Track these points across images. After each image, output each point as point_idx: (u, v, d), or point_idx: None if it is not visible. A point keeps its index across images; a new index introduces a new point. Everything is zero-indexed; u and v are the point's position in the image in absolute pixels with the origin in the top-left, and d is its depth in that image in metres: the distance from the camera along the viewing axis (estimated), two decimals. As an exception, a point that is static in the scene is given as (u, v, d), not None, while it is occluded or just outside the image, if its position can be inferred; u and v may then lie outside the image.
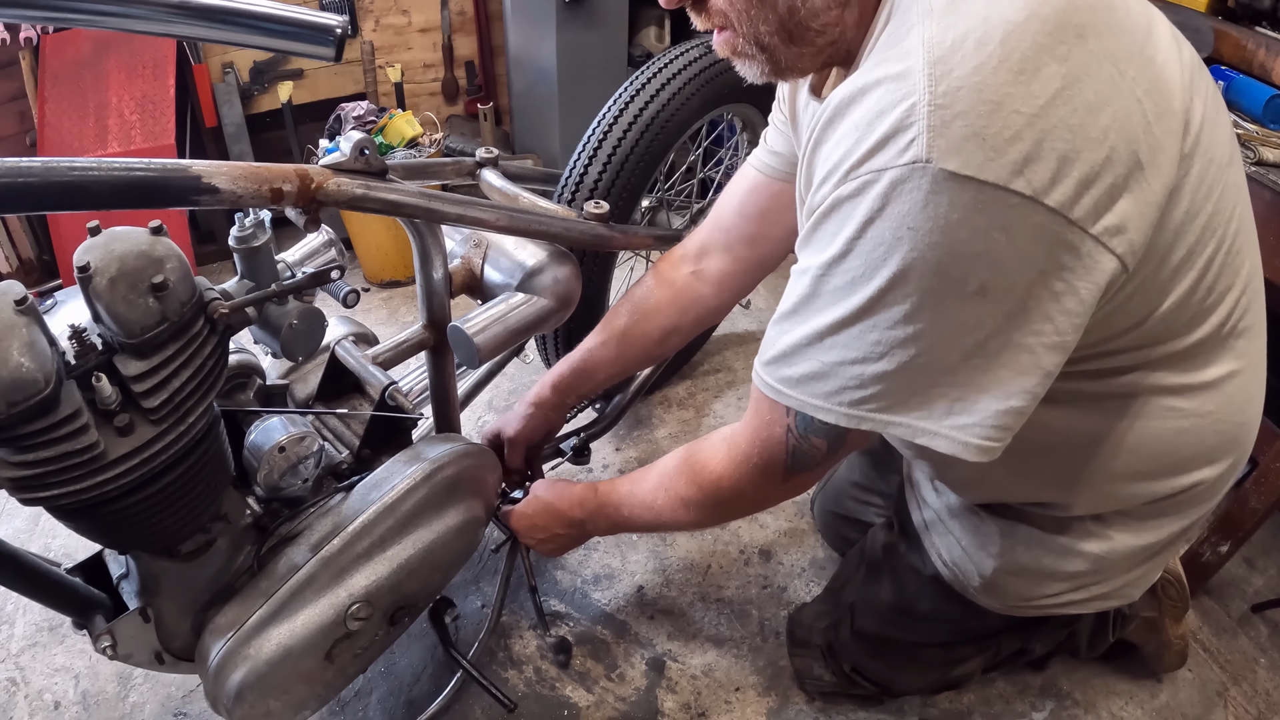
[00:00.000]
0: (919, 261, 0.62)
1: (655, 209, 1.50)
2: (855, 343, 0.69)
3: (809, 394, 0.74)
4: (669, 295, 1.23)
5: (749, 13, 0.72)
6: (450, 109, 2.86)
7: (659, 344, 1.27)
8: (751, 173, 1.13)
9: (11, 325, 0.66)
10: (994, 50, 0.60)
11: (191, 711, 1.34)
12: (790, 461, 0.85)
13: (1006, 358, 0.66)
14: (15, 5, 0.74)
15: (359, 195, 0.88)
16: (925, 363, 0.67)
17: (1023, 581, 0.98)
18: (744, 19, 0.73)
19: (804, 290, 0.71)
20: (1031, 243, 0.61)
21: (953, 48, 0.60)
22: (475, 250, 1.21)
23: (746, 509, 0.99)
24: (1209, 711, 1.37)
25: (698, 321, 1.26)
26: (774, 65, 0.76)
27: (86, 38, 2.23)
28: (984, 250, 0.61)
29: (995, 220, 0.60)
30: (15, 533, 1.66)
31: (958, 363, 0.67)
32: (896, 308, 0.65)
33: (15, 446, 0.68)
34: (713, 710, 1.36)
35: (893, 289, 0.65)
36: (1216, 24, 1.73)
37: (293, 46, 0.78)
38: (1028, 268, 0.62)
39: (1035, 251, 0.62)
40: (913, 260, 0.62)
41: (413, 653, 1.42)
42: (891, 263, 0.63)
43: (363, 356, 1.11)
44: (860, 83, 0.64)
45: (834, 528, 1.53)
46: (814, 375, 0.73)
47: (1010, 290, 0.63)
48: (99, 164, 0.68)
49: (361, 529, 0.97)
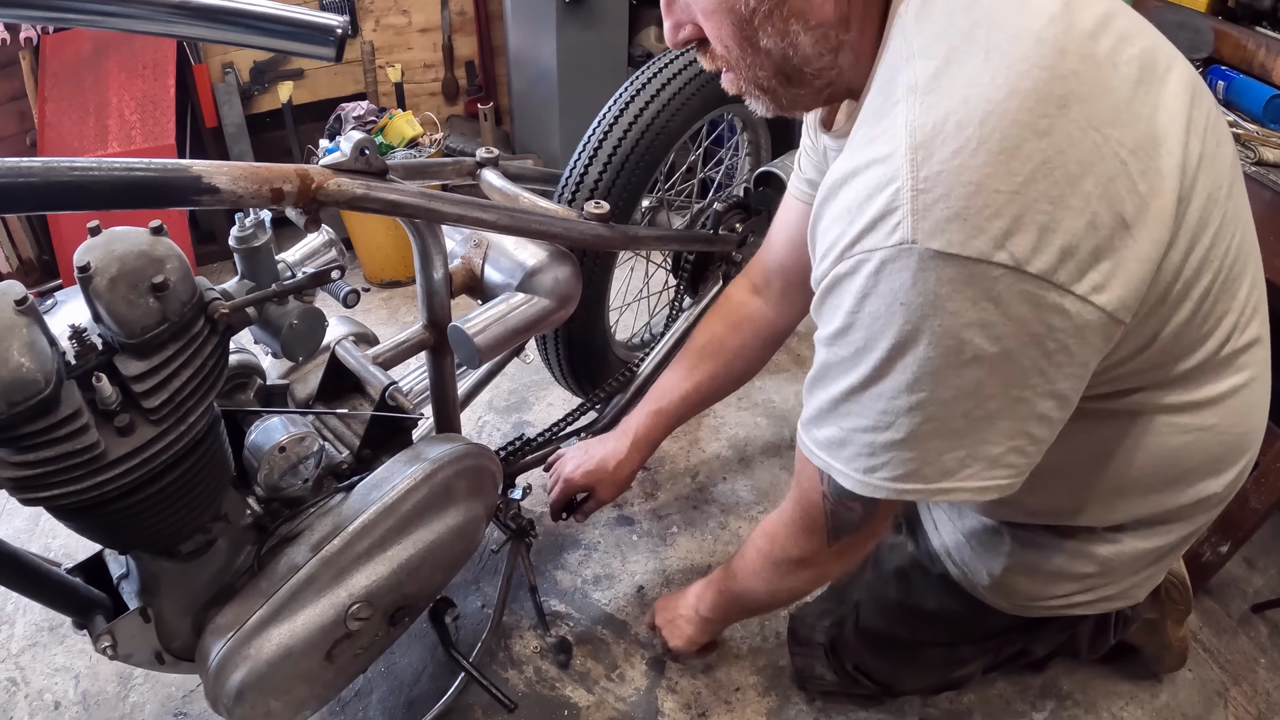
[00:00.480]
0: (913, 334, 0.66)
1: (655, 209, 1.50)
2: (865, 411, 0.72)
3: (833, 458, 0.78)
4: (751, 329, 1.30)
5: (744, 59, 0.76)
6: (450, 109, 2.86)
7: (742, 376, 1.36)
8: (793, 202, 1.19)
9: (12, 325, 0.66)
10: (973, 133, 0.62)
11: (192, 711, 1.34)
12: (831, 523, 0.90)
13: (1009, 414, 0.69)
14: (15, 5, 0.74)
15: (359, 195, 0.88)
16: (931, 430, 0.70)
17: (1031, 581, 0.99)
18: (741, 64, 0.77)
19: (821, 358, 0.76)
20: (1019, 308, 0.64)
21: (933, 131, 0.63)
22: (475, 250, 1.21)
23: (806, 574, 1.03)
24: (1209, 711, 1.38)
25: (771, 345, 1.34)
26: (777, 104, 0.81)
27: (86, 38, 2.23)
28: (975, 319, 0.64)
29: (982, 291, 0.63)
30: (15, 533, 1.66)
31: (963, 427, 0.70)
32: (898, 377, 0.69)
33: (15, 446, 0.68)
34: (713, 710, 1.36)
35: (892, 361, 0.68)
36: (1216, 24, 1.74)
37: (293, 47, 0.78)
38: (1019, 332, 0.65)
39: (1024, 316, 0.64)
40: (907, 333, 0.66)
41: (413, 653, 1.42)
42: (888, 336, 0.67)
43: (363, 356, 1.11)
44: (850, 165, 0.68)
45: None
46: (835, 441, 0.77)
47: (1005, 355, 0.66)
48: (99, 164, 0.68)
49: (362, 529, 0.97)
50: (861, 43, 0.74)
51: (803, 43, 0.73)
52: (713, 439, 1.90)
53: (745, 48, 0.75)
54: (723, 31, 0.75)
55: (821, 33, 0.73)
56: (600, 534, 1.67)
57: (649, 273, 1.92)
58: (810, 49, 0.74)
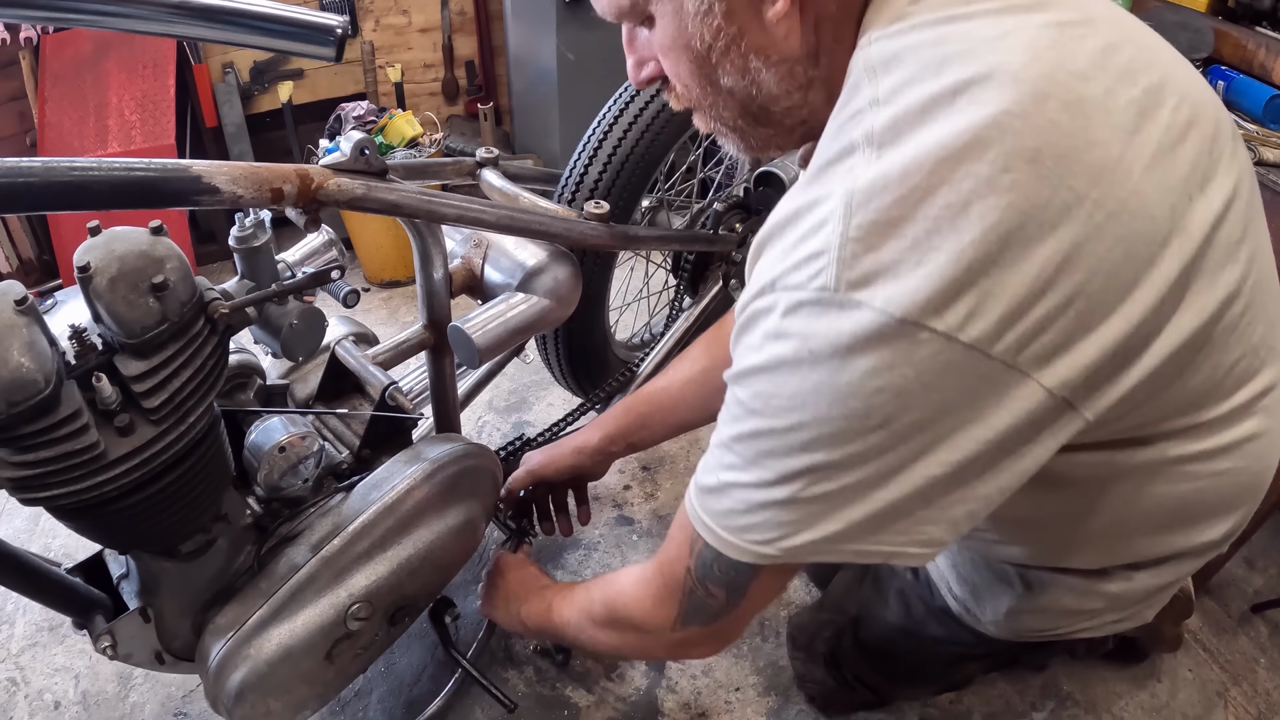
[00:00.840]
0: (816, 389, 0.59)
1: (655, 209, 1.50)
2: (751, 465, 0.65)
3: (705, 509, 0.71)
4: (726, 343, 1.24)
5: (706, 100, 0.71)
6: (450, 109, 2.86)
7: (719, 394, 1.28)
8: None
9: (11, 325, 0.66)
10: (919, 182, 0.55)
11: (192, 711, 1.34)
12: (685, 604, 0.80)
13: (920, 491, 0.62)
14: (15, 5, 0.74)
15: (359, 195, 0.88)
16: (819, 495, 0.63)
17: (1038, 618, 0.93)
18: (703, 104, 0.72)
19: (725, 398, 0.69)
20: (942, 378, 0.57)
21: (876, 178, 0.57)
22: (475, 250, 1.21)
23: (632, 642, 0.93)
24: (1209, 711, 1.38)
25: None
26: (748, 144, 0.75)
27: (86, 38, 2.23)
28: (885, 385, 0.57)
29: (902, 354, 0.56)
30: (15, 533, 1.66)
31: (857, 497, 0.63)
32: (793, 435, 0.62)
33: (15, 447, 0.68)
34: (713, 710, 1.36)
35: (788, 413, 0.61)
36: (1216, 24, 1.74)
37: (293, 47, 0.78)
38: (941, 403, 0.58)
39: (946, 387, 0.57)
40: (809, 387, 0.59)
41: (413, 653, 1.42)
42: (788, 387, 0.61)
43: (363, 356, 1.11)
44: (794, 205, 0.63)
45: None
46: (713, 490, 0.69)
47: (920, 425, 0.58)
48: (99, 164, 0.68)
49: (362, 529, 0.97)
50: (834, 78, 0.66)
51: (766, 80, 0.67)
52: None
53: (705, 86, 0.70)
54: (680, 70, 0.70)
55: (787, 69, 0.67)
56: (600, 534, 1.67)
57: (649, 273, 1.92)
58: (775, 86, 0.68)
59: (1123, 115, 0.58)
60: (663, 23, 0.68)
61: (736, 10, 0.64)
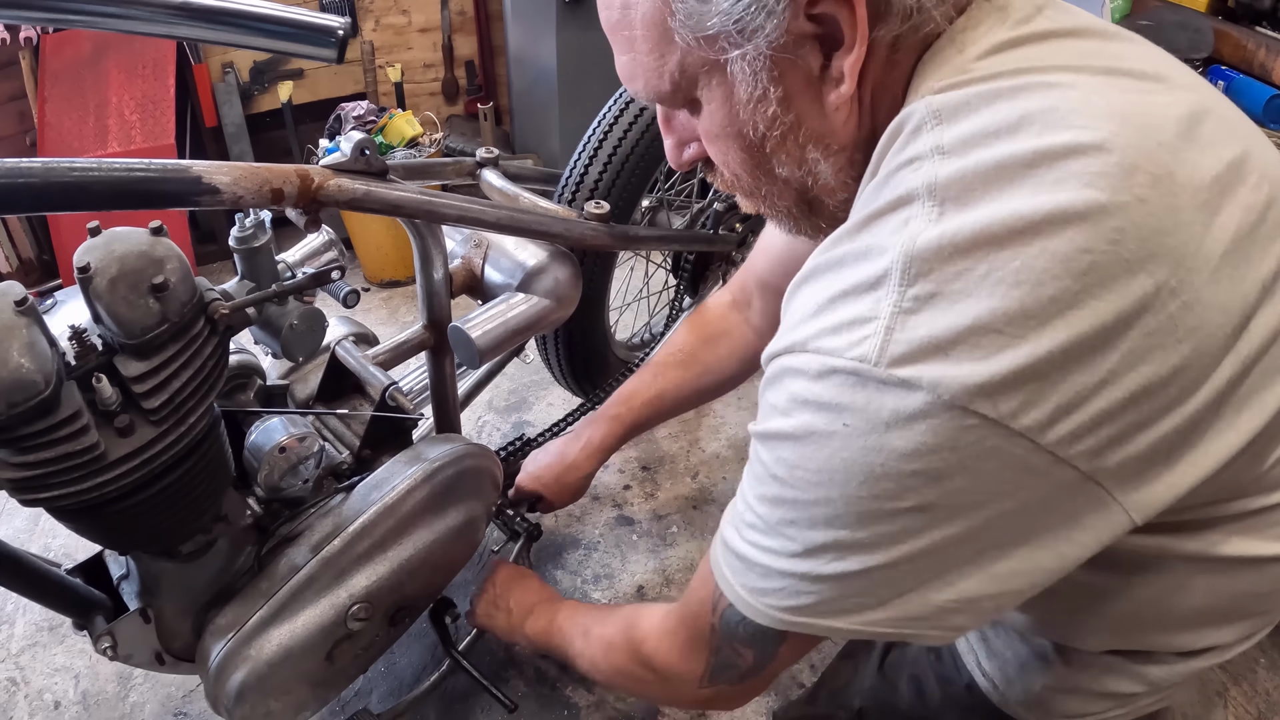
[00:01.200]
0: (847, 465, 0.54)
1: (655, 209, 1.50)
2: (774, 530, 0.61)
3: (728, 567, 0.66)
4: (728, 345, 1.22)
5: (760, 189, 0.66)
6: (450, 109, 2.86)
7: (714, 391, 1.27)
8: None
9: (11, 326, 0.66)
10: (987, 254, 0.49)
11: (192, 711, 1.34)
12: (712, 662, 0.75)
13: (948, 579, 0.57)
14: (15, 5, 0.74)
15: (359, 196, 0.88)
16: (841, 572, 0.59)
17: (1072, 699, 0.84)
18: (757, 194, 0.67)
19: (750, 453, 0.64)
20: (983, 464, 0.52)
21: (939, 244, 0.51)
22: (475, 250, 1.21)
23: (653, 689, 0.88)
24: (1209, 711, 1.38)
25: (749, 365, 1.24)
26: (799, 229, 0.70)
27: (86, 38, 2.23)
28: (923, 469, 0.52)
29: (944, 439, 0.51)
30: (15, 533, 1.66)
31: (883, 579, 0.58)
32: (818, 509, 0.57)
33: (15, 448, 0.68)
34: (712, 710, 1.36)
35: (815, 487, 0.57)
36: (1216, 24, 1.74)
37: (294, 48, 0.78)
38: (982, 489, 0.53)
39: (987, 473, 0.52)
40: (839, 462, 0.55)
41: (413, 653, 1.42)
42: (816, 459, 0.56)
43: (363, 357, 1.11)
44: (840, 252, 0.57)
45: None
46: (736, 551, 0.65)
47: (956, 511, 0.54)
48: (99, 164, 0.68)
49: (362, 529, 0.97)
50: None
51: (823, 171, 0.62)
52: (712, 439, 1.90)
53: (759, 176, 0.65)
54: (730, 159, 0.65)
55: (846, 158, 0.62)
56: (600, 534, 1.67)
57: (649, 273, 1.92)
58: (833, 178, 0.63)
59: (1207, 194, 0.53)
60: (710, 108, 0.62)
61: (795, 95, 0.58)
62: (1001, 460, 0.52)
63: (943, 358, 0.50)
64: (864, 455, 0.53)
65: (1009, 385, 0.50)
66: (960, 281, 0.50)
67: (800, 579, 0.60)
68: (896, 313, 0.51)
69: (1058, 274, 0.49)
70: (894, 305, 0.51)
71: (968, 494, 0.53)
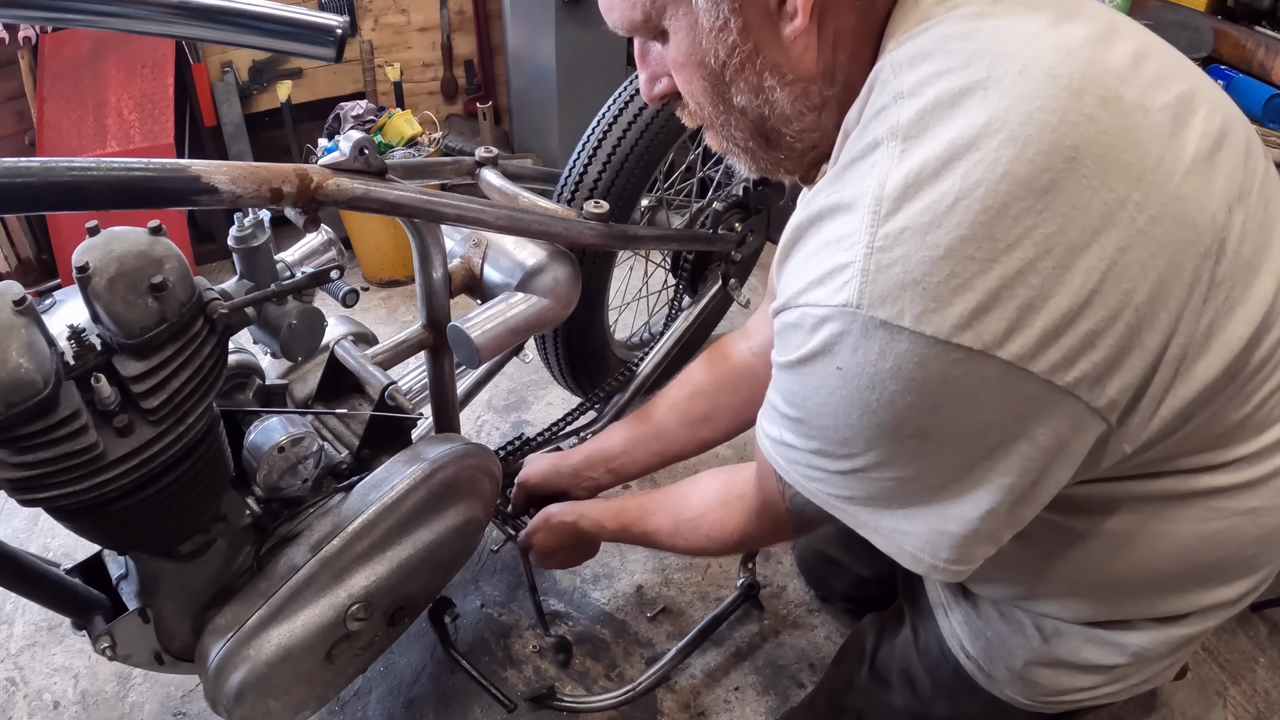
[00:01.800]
0: (847, 401, 0.58)
1: (655, 208, 1.50)
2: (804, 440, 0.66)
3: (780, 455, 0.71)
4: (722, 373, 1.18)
5: (718, 119, 0.70)
6: (449, 108, 2.86)
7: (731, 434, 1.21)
8: None
9: (10, 326, 0.66)
10: (951, 186, 0.52)
11: (191, 711, 1.34)
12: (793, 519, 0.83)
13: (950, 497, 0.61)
14: (15, 5, 0.74)
15: (359, 195, 0.88)
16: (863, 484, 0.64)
17: (1056, 674, 0.86)
18: (716, 123, 0.71)
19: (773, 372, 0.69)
20: (979, 394, 0.54)
21: (905, 181, 0.54)
22: (475, 250, 1.21)
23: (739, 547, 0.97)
24: (1208, 711, 1.38)
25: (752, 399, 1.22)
26: (758, 165, 0.74)
27: (85, 37, 2.23)
28: (917, 401, 0.55)
29: (933, 373, 0.54)
30: (14, 533, 1.66)
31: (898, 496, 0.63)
32: (832, 434, 0.62)
33: (14, 447, 0.68)
34: (712, 710, 1.36)
35: (825, 416, 0.61)
36: (1216, 24, 1.74)
37: (293, 47, 0.78)
38: (974, 418, 0.56)
39: (985, 402, 0.55)
40: (840, 399, 0.59)
41: (412, 652, 1.42)
42: (819, 396, 0.60)
43: (362, 356, 1.11)
44: (816, 208, 0.60)
45: (815, 571, 1.49)
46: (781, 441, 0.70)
47: (955, 436, 0.57)
48: (98, 164, 0.68)
49: (361, 529, 0.97)
50: (848, 99, 0.64)
51: (780, 100, 0.65)
52: (712, 438, 1.90)
53: (718, 105, 0.68)
54: (693, 87, 0.68)
55: (801, 88, 0.65)
56: (600, 533, 1.67)
57: (648, 272, 1.92)
58: (789, 107, 0.66)
59: (1160, 116, 0.56)
60: (676, 38, 0.66)
61: (753, 26, 0.62)
62: (996, 391, 0.54)
63: (921, 293, 0.52)
64: (862, 395, 0.57)
65: (987, 310, 0.52)
66: (929, 214, 0.52)
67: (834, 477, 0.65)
68: (870, 254, 0.54)
69: (1020, 194, 0.51)
70: (867, 246, 0.54)
71: (961, 420, 0.56)
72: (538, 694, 1.29)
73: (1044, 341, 0.53)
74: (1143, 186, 0.53)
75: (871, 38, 0.63)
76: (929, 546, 0.65)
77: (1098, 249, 0.52)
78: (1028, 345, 0.52)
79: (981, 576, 0.84)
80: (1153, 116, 0.56)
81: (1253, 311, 0.60)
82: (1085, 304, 0.52)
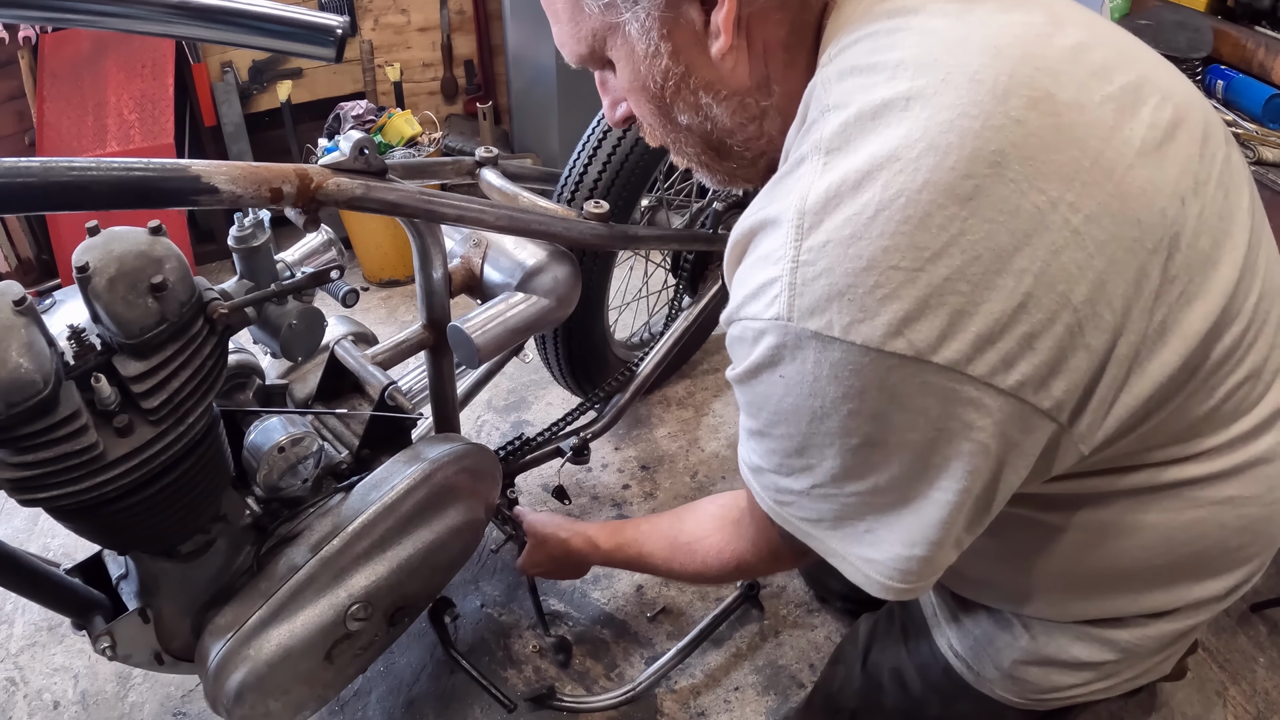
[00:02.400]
0: (792, 412, 0.59)
1: (655, 208, 1.50)
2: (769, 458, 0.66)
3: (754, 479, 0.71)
4: None
5: (669, 137, 0.72)
6: (449, 108, 2.85)
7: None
8: None
9: (10, 326, 0.66)
10: (871, 197, 0.52)
11: (191, 711, 1.34)
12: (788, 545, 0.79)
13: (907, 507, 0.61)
14: (15, 5, 0.74)
15: (359, 195, 0.88)
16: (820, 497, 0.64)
17: (1046, 672, 0.85)
18: (669, 142, 0.73)
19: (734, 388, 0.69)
20: (920, 400, 0.54)
21: (826, 194, 0.54)
22: (475, 250, 1.21)
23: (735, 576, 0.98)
24: (1208, 711, 1.38)
25: None
26: (716, 177, 0.75)
27: (85, 37, 2.23)
28: (858, 408, 0.55)
29: (870, 380, 0.54)
30: (14, 533, 1.66)
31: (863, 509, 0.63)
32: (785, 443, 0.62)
33: (14, 447, 0.68)
34: (712, 710, 1.36)
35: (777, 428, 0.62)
36: (1216, 24, 1.74)
37: (293, 47, 0.78)
38: (920, 424, 0.55)
39: (928, 408, 0.55)
40: (788, 408, 0.59)
41: (412, 652, 1.42)
42: (768, 408, 0.61)
43: (362, 356, 1.11)
44: (749, 222, 0.61)
45: (814, 571, 1.49)
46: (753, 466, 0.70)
47: (904, 444, 0.57)
48: (98, 164, 0.68)
49: (361, 529, 0.97)
50: (789, 106, 0.64)
51: (718, 115, 0.67)
52: (712, 438, 1.90)
53: (666, 125, 0.70)
54: (643, 110, 0.70)
55: (738, 101, 0.66)
56: (599, 533, 1.67)
57: (648, 272, 1.92)
58: (729, 120, 0.67)
59: (1099, 111, 0.55)
60: (620, 67, 0.68)
61: (682, 49, 0.63)
62: (935, 395, 0.54)
63: (847, 304, 0.53)
64: (806, 400, 0.57)
65: (916, 318, 0.52)
66: (850, 226, 0.53)
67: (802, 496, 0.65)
68: (795, 268, 0.54)
69: (943, 203, 0.51)
70: (792, 261, 0.54)
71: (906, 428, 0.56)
72: (538, 694, 1.30)
73: (979, 346, 0.52)
74: (1076, 186, 0.53)
75: (805, 45, 0.65)
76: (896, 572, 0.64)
77: (1029, 252, 0.52)
78: (963, 350, 0.52)
79: (966, 577, 0.86)
80: (1090, 112, 0.55)
81: (1211, 305, 0.59)
82: (1020, 307, 0.52)
